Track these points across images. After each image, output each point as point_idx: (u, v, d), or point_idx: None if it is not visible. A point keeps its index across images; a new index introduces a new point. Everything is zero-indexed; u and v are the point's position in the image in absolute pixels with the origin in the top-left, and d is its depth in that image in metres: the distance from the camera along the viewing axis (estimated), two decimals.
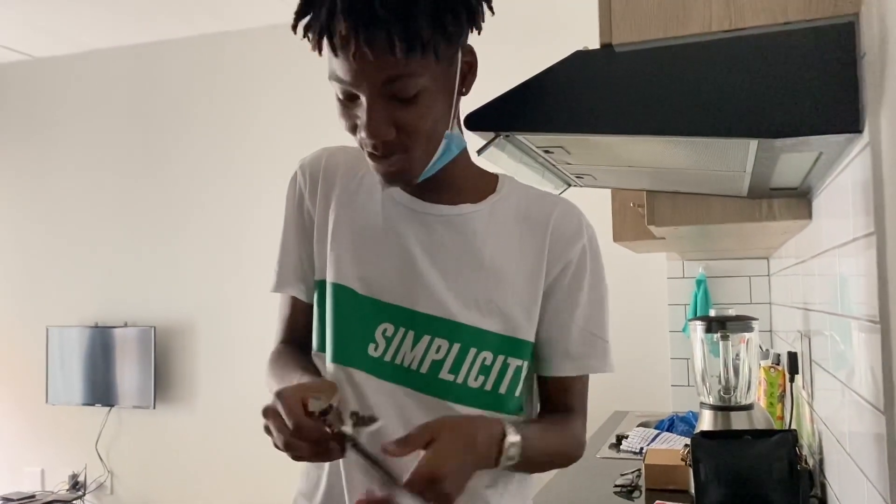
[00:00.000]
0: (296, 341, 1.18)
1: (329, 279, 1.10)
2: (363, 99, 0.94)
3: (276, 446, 0.90)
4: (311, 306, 1.15)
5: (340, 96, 0.97)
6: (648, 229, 1.92)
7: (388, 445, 0.89)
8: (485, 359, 1.07)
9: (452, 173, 1.08)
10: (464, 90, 1.02)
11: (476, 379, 1.06)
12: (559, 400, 1.14)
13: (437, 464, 0.88)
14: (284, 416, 0.86)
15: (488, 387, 1.07)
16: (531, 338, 1.10)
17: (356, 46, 0.89)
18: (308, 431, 0.86)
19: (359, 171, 1.14)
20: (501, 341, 1.07)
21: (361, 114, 0.95)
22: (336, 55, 0.91)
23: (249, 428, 4.14)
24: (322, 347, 1.12)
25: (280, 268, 1.17)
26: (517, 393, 1.10)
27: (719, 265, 3.25)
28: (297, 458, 0.89)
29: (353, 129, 0.99)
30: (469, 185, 1.11)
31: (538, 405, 1.17)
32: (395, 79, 0.92)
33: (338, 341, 1.08)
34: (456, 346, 1.05)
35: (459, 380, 1.05)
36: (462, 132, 1.09)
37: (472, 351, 1.06)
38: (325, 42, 0.92)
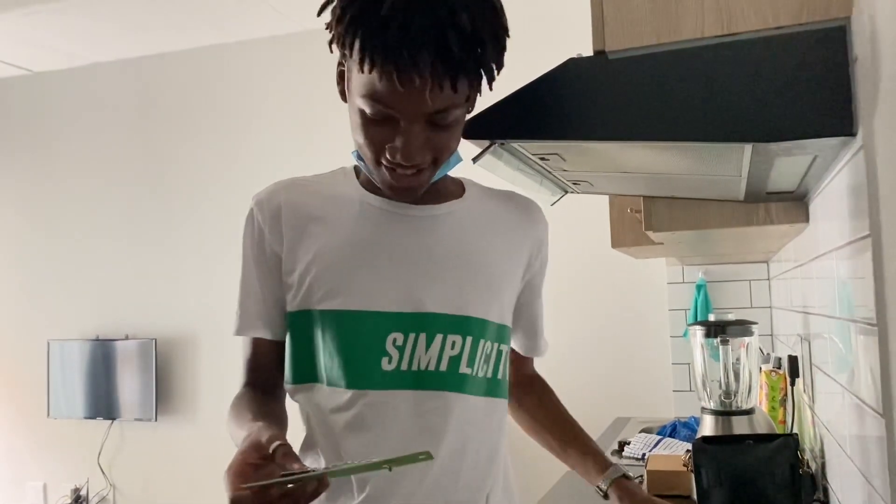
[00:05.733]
0: (259, 383, 1.14)
1: (323, 307, 1.07)
2: (403, 124, 0.95)
3: None
4: (279, 343, 1.13)
5: (372, 116, 0.96)
6: (647, 235, 1.92)
7: None
8: (487, 348, 1.10)
9: None
10: (470, 108, 1.06)
11: (482, 369, 1.10)
12: (527, 370, 1.37)
13: None
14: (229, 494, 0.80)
15: (489, 374, 1.12)
16: (511, 323, 1.19)
17: (432, 85, 0.90)
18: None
19: (321, 193, 1.13)
20: (497, 329, 1.12)
21: (395, 135, 0.96)
22: (399, 86, 0.90)
23: None
24: (299, 379, 1.10)
25: (241, 310, 1.14)
26: (507, 377, 1.18)
27: (719, 269, 3.25)
28: None
29: (378, 146, 0.99)
30: (444, 185, 1.16)
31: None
32: (443, 110, 0.95)
33: (348, 366, 1.06)
34: (469, 340, 1.07)
35: (474, 372, 1.08)
36: None
37: (481, 342, 1.09)
38: (378, 66, 0.90)
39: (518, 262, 1.17)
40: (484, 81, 0.99)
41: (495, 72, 0.98)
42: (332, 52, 1.00)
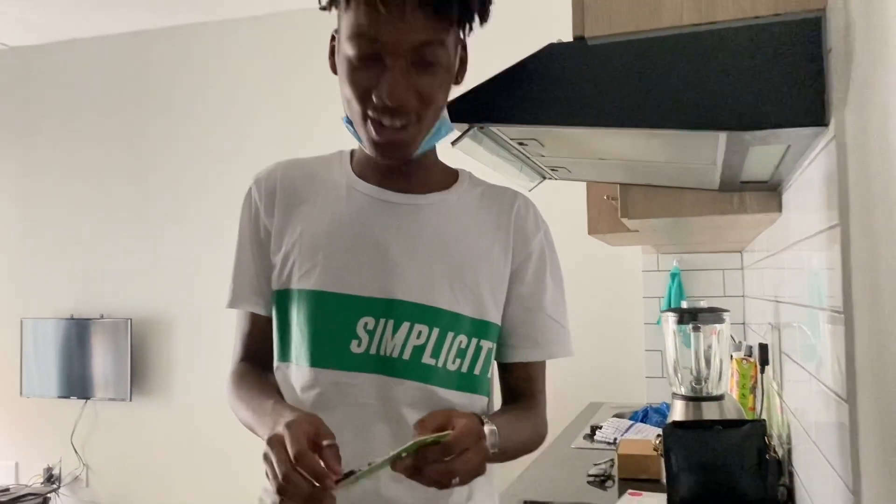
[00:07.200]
0: (256, 358, 1.17)
1: (300, 286, 1.09)
2: (388, 61, 0.97)
3: (275, 484, 0.85)
4: (270, 319, 1.14)
5: (358, 56, 0.98)
6: (623, 222, 1.93)
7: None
8: (461, 342, 1.09)
9: (423, 163, 1.12)
10: (458, 79, 1.07)
11: (454, 362, 1.09)
12: (525, 386, 1.19)
13: (475, 430, 0.90)
14: (289, 444, 0.85)
15: (464, 369, 1.10)
16: (498, 321, 1.14)
17: (414, 11, 0.93)
18: (308, 463, 0.84)
19: (315, 176, 1.15)
20: (474, 324, 1.10)
21: (380, 77, 0.98)
22: (381, 10, 0.93)
23: (226, 420, 4.11)
24: (284, 357, 1.12)
25: (235, 284, 1.17)
26: (488, 375, 1.15)
27: (694, 258, 3.29)
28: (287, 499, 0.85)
29: (364, 93, 1.00)
30: (434, 176, 1.15)
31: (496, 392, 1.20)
32: (427, 44, 0.96)
33: (317, 345, 1.07)
34: (436, 331, 1.07)
35: (440, 364, 1.08)
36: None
37: (450, 335, 1.08)
38: None
39: (501, 260, 1.13)
40: (468, 29, 1.01)
41: (477, 17, 1.00)
42: (321, 5, 1.03)
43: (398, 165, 1.10)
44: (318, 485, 0.83)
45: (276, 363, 1.14)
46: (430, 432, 0.89)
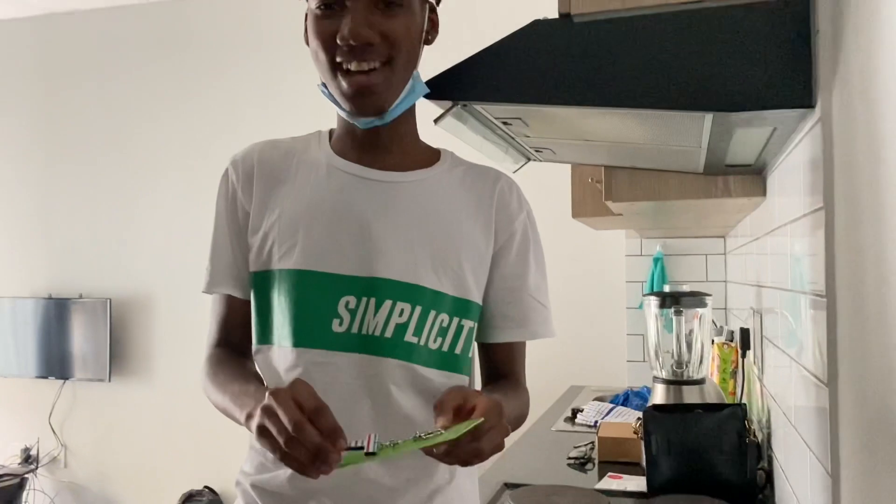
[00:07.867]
0: (232, 342, 1.15)
1: (280, 266, 1.08)
2: (348, 3, 0.99)
3: (283, 436, 0.83)
4: (247, 302, 1.13)
5: (321, 3, 1.00)
6: (607, 206, 1.93)
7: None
8: (442, 321, 1.09)
9: (402, 138, 1.11)
10: (429, 39, 1.10)
11: (435, 341, 1.08)
12: (507, 366, 1.19)
13: (497, 408, 0.89)
14: (304, 399, 0.83)
15: (445, 348, 1.10)
16: (479, 300, 1.14)
17: None
18: (326, 419, 0.83)
19: (294, 156, 1.13)
20: (455, 303, 1.10)
21: (343, 21, 0.99)
22: None
23: (205, 402, 4.06)
24: (265, 339, 1.10)
25: (212, 267, 1.15)
26: (469, 354, 1.14)
27: (677, 243, 3.29)
28: (293, 464, 0.83)
29: (330, 41, 1.01)
30: (415, 153, 1.14)
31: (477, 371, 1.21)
32: None
33: (298, 325, 1.06)
34: (418, 309, 1.06)
35: (422, 342, 1.07)
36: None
37: (432, 313, 1.07)
38: None
39: (483, 239, 1.13)
40: None
41: None
42: None
43: (377, 138, 1.09)
44: (327, 444, 0.81)
45: (255, 346, 1.12)
46: (450, 414, 0.89)
